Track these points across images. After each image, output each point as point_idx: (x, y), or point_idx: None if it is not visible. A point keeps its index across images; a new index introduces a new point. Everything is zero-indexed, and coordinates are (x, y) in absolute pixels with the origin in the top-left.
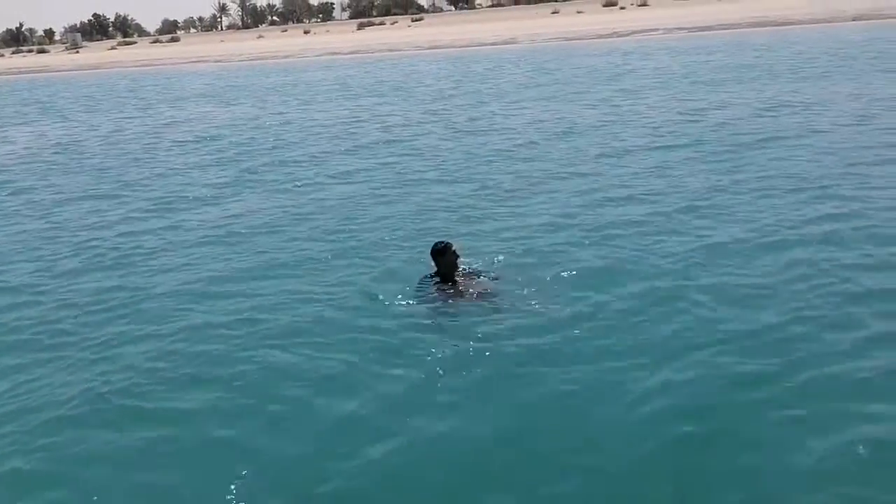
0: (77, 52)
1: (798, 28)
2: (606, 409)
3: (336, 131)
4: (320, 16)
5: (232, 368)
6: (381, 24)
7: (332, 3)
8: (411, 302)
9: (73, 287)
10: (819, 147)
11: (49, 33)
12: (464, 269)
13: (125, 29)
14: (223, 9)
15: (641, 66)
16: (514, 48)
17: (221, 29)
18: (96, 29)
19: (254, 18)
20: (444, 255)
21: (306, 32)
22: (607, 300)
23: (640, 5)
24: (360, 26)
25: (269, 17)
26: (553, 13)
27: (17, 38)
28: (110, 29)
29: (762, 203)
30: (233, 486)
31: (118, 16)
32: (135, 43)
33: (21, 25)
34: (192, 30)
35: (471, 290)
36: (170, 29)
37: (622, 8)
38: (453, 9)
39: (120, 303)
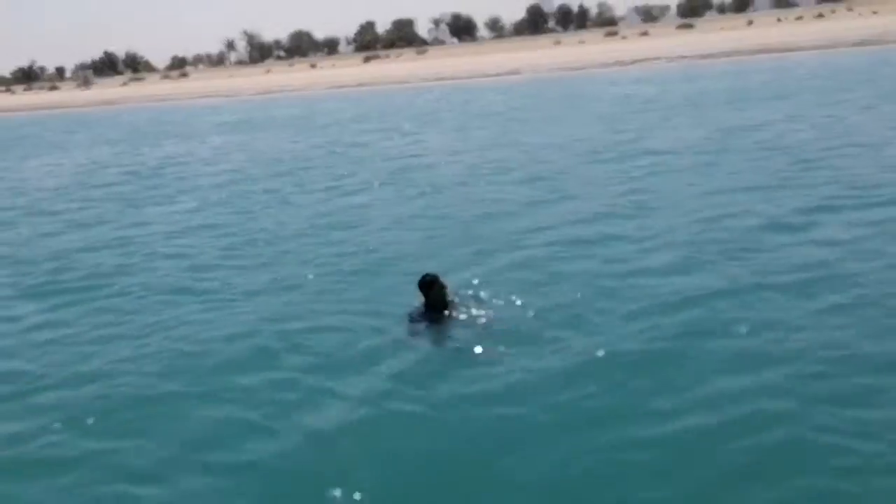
0: (89, 88)
1: (799, 54)
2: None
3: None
4: (325, 50)
5: (199, 387)
6: (387, 56)
7: (338, 38)
8: (400, 330)
9: None
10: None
11: (60, 70)
12: (453, 300)
13: (135, 65)
14: (231, 45)
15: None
16: (516, 79)
17: (229, 64)
18: (107, 66)
19: (261, 53)
20: (431, 288)
21: (313, 66)
22: (595, 330)
23: (641, 34)
24: (366, 59)
25: (276, 53)
26: (556, 44)
27: (28, 76)
28: (120, 66)
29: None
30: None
31: (128, 53)
32: (144, 79)
33: (33, 63)
34: (201, 66)
35: (461, 318)
36: (179, 65)
37: (623, 37)
38: (456, 41)
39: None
